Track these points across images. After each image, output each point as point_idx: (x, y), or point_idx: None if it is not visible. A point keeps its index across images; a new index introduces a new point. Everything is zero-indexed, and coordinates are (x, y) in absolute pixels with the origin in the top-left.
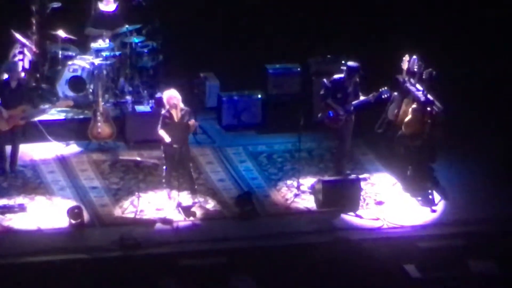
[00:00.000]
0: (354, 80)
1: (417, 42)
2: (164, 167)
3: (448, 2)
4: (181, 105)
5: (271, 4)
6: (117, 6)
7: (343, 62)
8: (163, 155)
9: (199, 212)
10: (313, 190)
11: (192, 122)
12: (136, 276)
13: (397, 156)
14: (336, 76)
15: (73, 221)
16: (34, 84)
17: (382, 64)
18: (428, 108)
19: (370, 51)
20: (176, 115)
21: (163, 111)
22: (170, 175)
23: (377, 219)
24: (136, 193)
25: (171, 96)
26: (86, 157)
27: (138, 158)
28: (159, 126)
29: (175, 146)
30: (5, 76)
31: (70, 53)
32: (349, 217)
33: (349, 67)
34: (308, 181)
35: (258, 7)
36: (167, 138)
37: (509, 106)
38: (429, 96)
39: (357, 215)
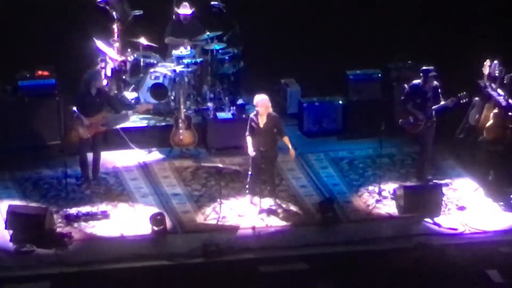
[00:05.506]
0: (433, 84)
1: (498, 47)
2: (249, 173)
3: None
4: (270, 110)
5: (352, 10)
6: (192, 12)
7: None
8: (250, 161)
9: (281, 219)
10: (394, 195)
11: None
12: (218, 282)
13: (478, 161)
14: (415, 81)
15: (155, 228)
16: (116, 91)
17: (463, 69)
18: (510, 113)
19: (451, 56)
20: (262, 120)
21: (251, 114)
22: (254, 182)
23: (456, 229)
24: (218, 200)
25: (259, 101)
26: (168, 164)
27: (220, 165)
28: (247, 131)
29: (261, 149)
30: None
31: (151, 61)
32: (430, 223)
33: (422, 71)
34: (389, 187)
35: (338, 13)
36: (250, 148)
37: None
38: (510, 101)
39: (435, 223)
